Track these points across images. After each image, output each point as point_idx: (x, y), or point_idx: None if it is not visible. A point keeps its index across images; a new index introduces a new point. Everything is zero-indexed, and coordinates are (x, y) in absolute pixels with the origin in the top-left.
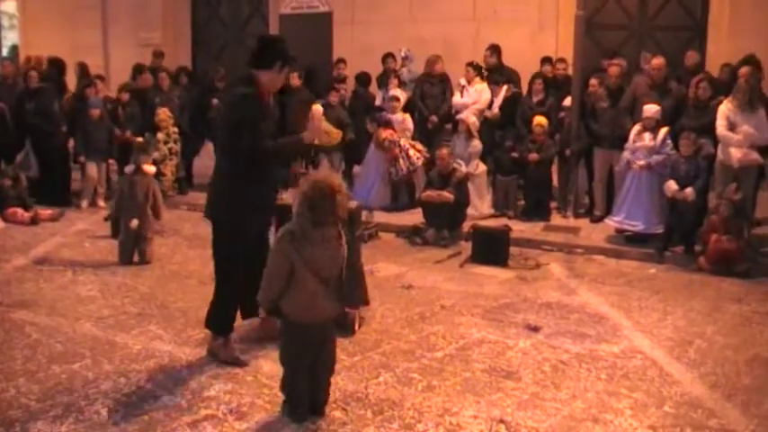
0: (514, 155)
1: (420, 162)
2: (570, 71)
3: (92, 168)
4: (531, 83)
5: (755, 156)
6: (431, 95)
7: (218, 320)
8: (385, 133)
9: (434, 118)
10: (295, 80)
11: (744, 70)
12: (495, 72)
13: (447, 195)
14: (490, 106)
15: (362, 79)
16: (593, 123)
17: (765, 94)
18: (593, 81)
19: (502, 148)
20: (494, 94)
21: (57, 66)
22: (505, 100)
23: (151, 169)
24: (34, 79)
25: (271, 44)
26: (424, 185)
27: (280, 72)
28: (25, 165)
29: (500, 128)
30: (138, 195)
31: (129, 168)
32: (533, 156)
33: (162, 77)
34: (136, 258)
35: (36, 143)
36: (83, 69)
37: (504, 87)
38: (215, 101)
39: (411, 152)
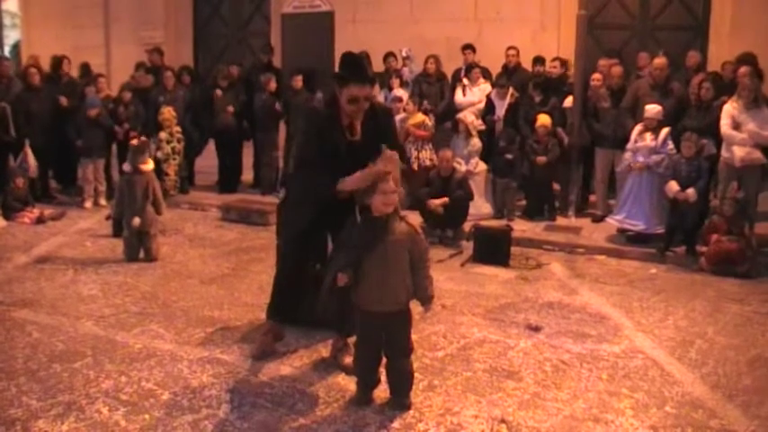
0: (508, 156)
1: (427, 163)
2: (565, 71)
3: (87, 169)
4: (533, 83)
5: (758, 155)
6: (428, 95)
7: None
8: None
9: (432, 106)
10: (298, 82)
11: (743, 70)
12: (518, 72)
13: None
14: (493, 111)
15: None
16: (594, 123)
17: (766, 94)
18: (595, 75)
19: (496, 150)
20: (499, 98)
21: (61, 65)
22: (509, 105)
23: (149, 167)
24: (35, 77)
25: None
26: (423, 185)
27: None
28: (23, 167)
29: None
30: (137, 194)
31: (126, 168)
32: (541, 159)
33: (168, 77)
34: (142, 255)
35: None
36: (85, 69)
37: (510, 93)
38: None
39: (426, 154)
